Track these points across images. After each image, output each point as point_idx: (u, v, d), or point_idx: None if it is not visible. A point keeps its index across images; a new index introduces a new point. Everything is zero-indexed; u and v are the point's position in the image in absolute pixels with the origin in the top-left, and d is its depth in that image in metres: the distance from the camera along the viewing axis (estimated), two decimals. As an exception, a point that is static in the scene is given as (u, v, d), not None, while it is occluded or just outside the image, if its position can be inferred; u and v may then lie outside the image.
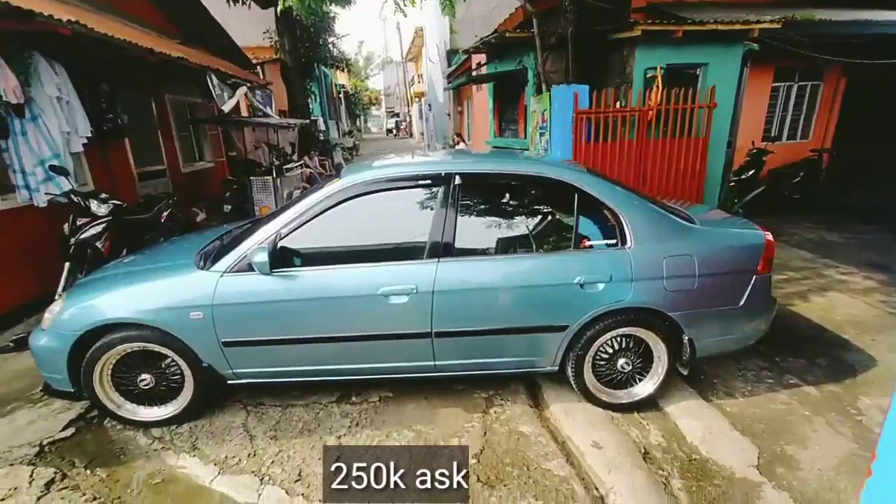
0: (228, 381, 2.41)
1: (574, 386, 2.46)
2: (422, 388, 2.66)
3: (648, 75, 4.79)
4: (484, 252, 2.32)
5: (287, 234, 2.26)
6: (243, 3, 9.38)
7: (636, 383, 2.47)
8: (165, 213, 4.96)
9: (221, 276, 2.23)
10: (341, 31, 24.64)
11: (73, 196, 3.91)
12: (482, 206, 2.41)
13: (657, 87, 4.42)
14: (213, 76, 5.78)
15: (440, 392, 2.64)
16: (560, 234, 2.37)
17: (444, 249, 2.25)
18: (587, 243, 2.33)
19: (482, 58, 7.66)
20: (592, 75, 4.66)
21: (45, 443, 2.34)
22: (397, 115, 38.55)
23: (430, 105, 19.54)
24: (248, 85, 7.05)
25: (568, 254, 2.30)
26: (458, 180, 2.30)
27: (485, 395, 2.62)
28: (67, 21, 3.25)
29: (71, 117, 3.99)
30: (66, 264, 3.77)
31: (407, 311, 2.23)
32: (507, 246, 2.33)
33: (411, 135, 32.84)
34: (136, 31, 5.07)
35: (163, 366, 2.37)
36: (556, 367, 2.44)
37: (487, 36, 5.52)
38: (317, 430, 2.37)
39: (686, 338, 2.34)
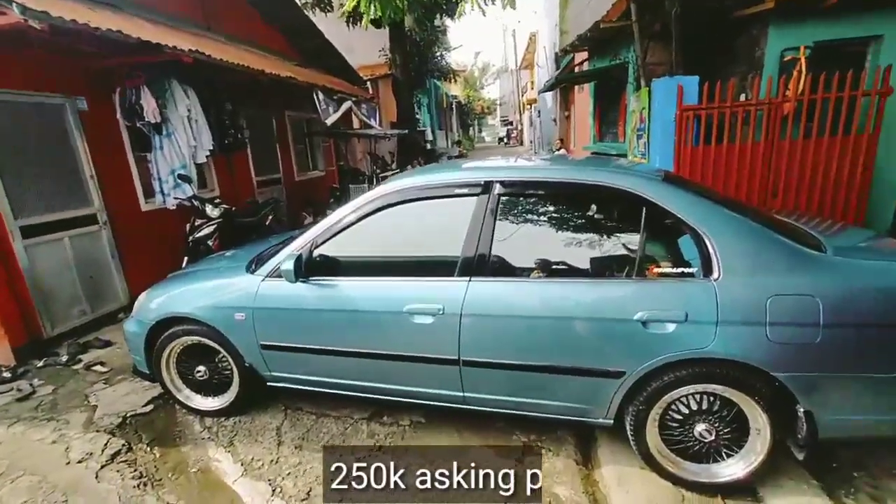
0: (268, 384, 2.47)
1: (634, 448, 1.96)
2: (456, 419, 2.41)
3: (786, 58, 3.78)
4: (523, 273, 1.99)
5: (322, 244, 2.23)
6: (361, 25, 10.18)
7: (722, 459, 1.87)
8: (269, 217, 5.55)
9: (262, 280, 2.30)
10: (455, 43, 25.44)
11: (193, 200, 4.56)
12: (524, 220, 2.07)
13: (799, 72, 3.46)
14: (320, 93, 6.32)
15: (475, 427, 2.36)
16: (619, 257, 1.91)
17: (476, 267, 1.98)
18: (655, 270, 1.84)
19: (586, 58, 7.06)
20: (706, 65, 3.84)
21: (128, 415, 2.68)
22: (510, 123, 38.41)
23: (538, 111, 18.96)
24: (354, 99, 7.56)
25: (627, 282, 1.85)
26: (498, 189, 2.02)
27: (525, 438, 2.27)
28: (189, 50, 3.79)
29: (197, 133, 4.65)
30: (185, 258, 4.41)
31: (432, 333, 2.01)
32: (550, 267, 1.96)
33: (521, 142, 32.38)
34: (257, 56, 5.78)
35: (216, 360, 2.54)
36: (611, 421, 1.98)
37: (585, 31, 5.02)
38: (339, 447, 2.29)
39: (801, 410, 1.70)
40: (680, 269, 1.82)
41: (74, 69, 3.74)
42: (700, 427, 1.85)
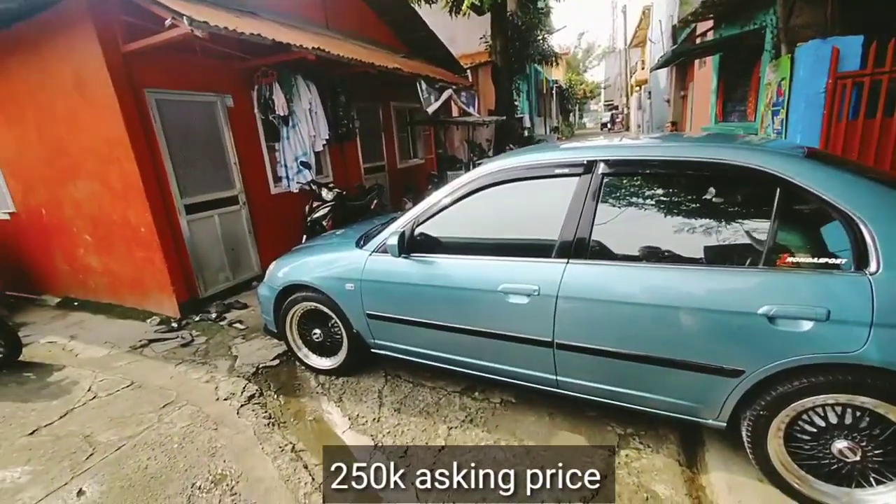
0: (371, 350, 2.71)
1: (751, 457, 1.77)
2: (548, 402, 2.40)
3: None
4: (626, 257, 1.88)
5: (423, 222, 2.35)
6: (462, 13, 10.27)
7: (868, 486, 1.60)
8: (375, 202, 5.98)
9: (370, 255, 2.50)
10: (558, 25, 24.27)
11: (312, 185, 5.11)
12: (631, 201, 1.95)
13: None
14: (423, 82, 6.56)
15: (567, 412, 2.33)
16: (743, 243, 1.71)
17: (575, 249, 1.93)
18: (789, 259, 1.61)
19: (709, 27, 6.23)
20: (873, 26, 3.10)
21: (260, 366, 3.14)
22: (616, 107, 35.78)
23: (649, 92, 17.33)
24: (454, 87, 7.70)
25: (752, 271, 1.64)
26: (602, 168, 1.93)
27: (620, 430, 2.17)
28: (313, 48, 4.21)
29: (316, 124, 5.17)
30: (304, 236, 4.98)
31: (526, 313, 2.02)
32: (658, 252, 1.83)
33: (627, 127, 29.96)
34: (369, 50, 6.18)
35: (329, 325, 2.85)
36: (724, 424, 1.80)
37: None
38: (433, 416, 2.43)
39: None
40: (822, 260, 1.56)
41: (223, 71, 4.40)
42: (840, 444, 1.60)
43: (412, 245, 2.32)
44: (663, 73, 13.85)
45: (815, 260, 1.58)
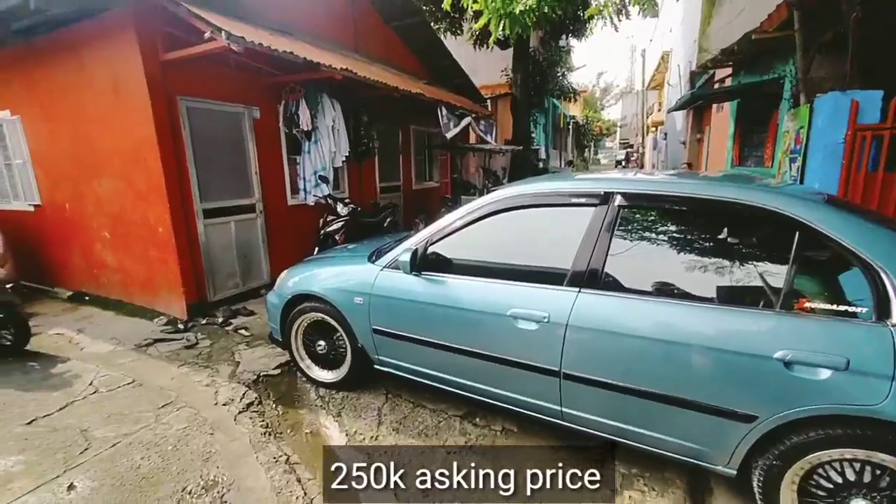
0: (375, 366, 2.68)
1: (761, 508, 1.69)
2: (550, 434, 2.33)
3: None
4: (640, 291, 1.87)
5: (437, 241, 2.37)
6: (487, 46, 10.62)
7: (885, 547, 1.51)
8: (389, 220, 6.06)
9: (381, 270, 2.52)
10: (578, 63, 24.90)
11: (328, 199, 5.20)
12: (647, 235, 1.95)
13: None
14: (443, 108, 6.72)
15: (569, 445, 2.25)
16: (760, 286, 1.69)
17: (588, 279, 1.93)
18: (806, 304, 1.59)
19: (728, 74, 6.35)
20: (886, 80, 3.14)
21: (261, 374, 3.12)
22: (631, 146, 36.20)
23: (665, 134, 17.53)
24: (473, 115, 7.88)
25: (768, 314, 1.62)
26: (619, 201, 1.95)
27: (624, 470, 2.10)
28: (341, 69, 4.37)
29: (338, 140, 5.30)
30: (316, 249, 5.03)
31: (535, 340, 2.00)
32: (673, 288, 1.82)
33: (642, 166, 30.18)
34: (394, 74, 6.39)
35: (334, 338, 2.84)
36: (734, 472, 1.74)
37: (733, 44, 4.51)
38: (432, 439, 2.38)
39: None
40: (841, 307, 1.54)
41: (253, 84, 4.56)
42: (858, 503, 1.53)
43: (424, 263, 2.33)
44: (680, 116, 14.04)
45: (834, 307, 1.55)
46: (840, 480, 1.56)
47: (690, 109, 10.92)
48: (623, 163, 34.84)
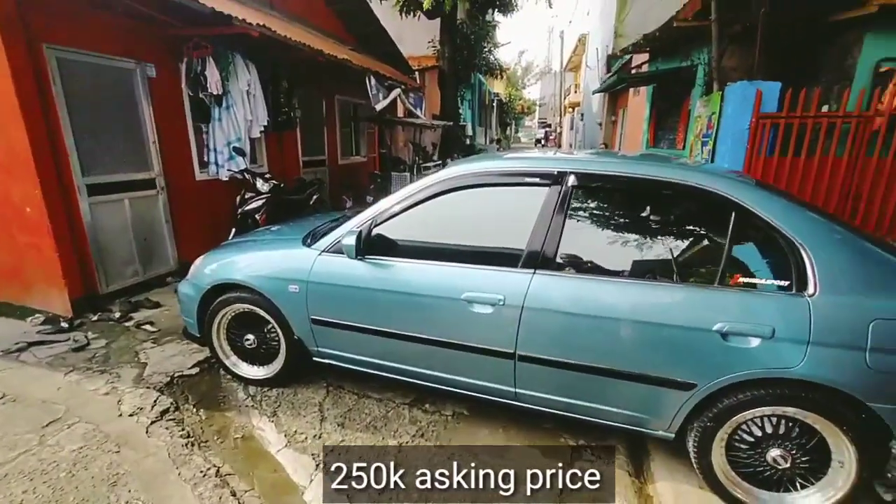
0: (314, 358, 2.47)
1: (696, 466, 1.85)
2: (501, 415, 2.34)
3: (882, 69, 3.49)
4: (591, 270, 1.89)
5: (382, 222, 2.19)
6: (414, 14, 10.17)
7: (796, 490, 1.74)
8: (315, 197, 5.61)
9: (319, 254, 2.28)
10: (502, 40, 25.12)
11: (245, 174, 4.65)
12: (597, 216, 1.97)
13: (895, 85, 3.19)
14: (372, 77, 6.34)
15: (521, 425, 2.29)
16: (700, 263, 1.80)
17: (542, 260, 1.90)
18: (741, 280, 1.71)
19: (644, 59, 6.79)
20: (789, 73, 3.58)
21: (175, 375, 2.73)
22: (549, 125, 37.89)
23: (582, 115, 18.55)
24: (403, 87, 7.56)
25: (708, 289, 1.72)
26: (572, 181, 1.93)
27: (573, 442, 2.18)
28: (257, 25, 3.84)
29: (254, 108, 4.73)
30: (233, 230, 4.51)
31: (490, 323, 1.95)
32: (622, 267, 1.86)
33: (559, 145, 31.82)
34: (316, 37, 5.83)
35: (265, 331, 2.56)
36: (672, 435, 1.87)
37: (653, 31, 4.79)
38: (381, 430, 2.27)
39: (897, 447, 1.55)
40: (769, 281, 1.69)
41: (147, 36, 3.85)
42: (774, 452, 1.72)
43: (369, 247, 2.15)
44: (596, 98, 14.88)
45: (763, 281, 1.69)
46: (760, 434, 1.74)
47: (606, 93, 11.59)
48: (542, 142, 36.45)
